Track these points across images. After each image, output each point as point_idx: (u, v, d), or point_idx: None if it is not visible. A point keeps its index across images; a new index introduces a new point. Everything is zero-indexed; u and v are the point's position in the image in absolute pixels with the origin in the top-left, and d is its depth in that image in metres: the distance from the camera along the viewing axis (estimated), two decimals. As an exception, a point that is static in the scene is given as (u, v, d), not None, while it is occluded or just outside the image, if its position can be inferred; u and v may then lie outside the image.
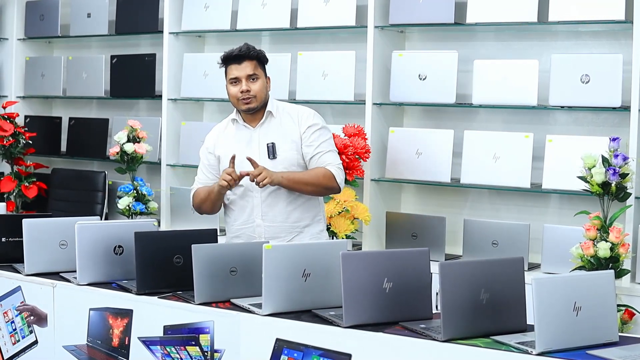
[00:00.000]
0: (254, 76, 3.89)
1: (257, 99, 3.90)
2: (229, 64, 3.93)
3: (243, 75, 3.88)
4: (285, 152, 3.92)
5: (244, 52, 3.90)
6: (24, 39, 6.47)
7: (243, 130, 3.98)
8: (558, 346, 2.72)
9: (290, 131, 3.94)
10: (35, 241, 3.72)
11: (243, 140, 3.96)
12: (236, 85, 3.90)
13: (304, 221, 3.97)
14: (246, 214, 3.94)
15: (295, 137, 3.93)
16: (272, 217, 3.91)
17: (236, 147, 3.94)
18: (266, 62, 3.98)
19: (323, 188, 3.93)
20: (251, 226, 3.93)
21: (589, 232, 3.95)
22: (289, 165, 3.91)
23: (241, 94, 3.88)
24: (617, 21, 4.38)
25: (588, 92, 4.41)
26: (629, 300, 4.12)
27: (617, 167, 3.94)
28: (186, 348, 3.23)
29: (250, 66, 3.89)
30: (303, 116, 3.98)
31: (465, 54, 4.86)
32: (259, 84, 3.90)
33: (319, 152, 3.92)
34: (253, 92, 3.88)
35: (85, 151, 6.22)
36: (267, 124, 3.96)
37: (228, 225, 4.04)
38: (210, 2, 5.58)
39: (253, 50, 3.93)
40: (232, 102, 3.96)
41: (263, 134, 3.95)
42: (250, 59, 3.90)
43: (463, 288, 2.83)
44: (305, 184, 3.87)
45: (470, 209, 5.02)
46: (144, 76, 5.87)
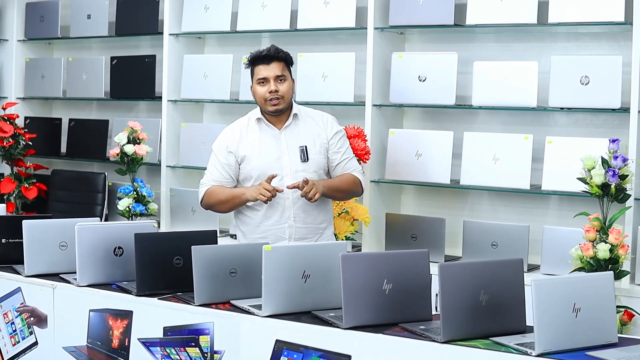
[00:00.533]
0: (282, 77, 3.94)
1: (284, 100, 3.94)
2: (257, 64, 3.96)
3: (272, 75, 3.92)
4: (315, 156, 4.01)
5: (272, 53, 3.95)
6: (24, 40, 6.47)
7: (268, 131, 4.00)
8: (557, 347, 2.72)
9: (318, 135, 4.02)
10: (36, 242, 3.72)
11: (270, 142, 3.98)
12: (264, 85, 3.93)
13: (325, 223, 4.08)
14: (277, 215, 3.96)
15: (323, 142, 4.03)
16: (303, 219, 3.98)
17: (263, 148, 3.97)
18: (292, 64, 4.03)
19: (352, 194, 4.15)
20: (282, 227, 3.95)
21: (589, 233, 3.95)
22: (318, 169, 4.01)
23: (269, 94, 3.91)
24: (617, 23, 4.38)
25: (588, 94, 4.41)
26: (628, 301, 4.12)
27: (617, 168, 3.94)
28: (186, 349, 3.24)
29: (278, 67, 3.93)
30: (329, 122, 4.09)
31: (465, 55, 4.86)
32: (286, 85, 3.94)
33: (345, 159, 4.07)
34: (281, 92, 3.92)
35: (85, 152, 6.22)
36: (293, 126, 4.01)
37: (249, 225, 4.02)
38: (210, 3, 5.59)
39: (281, 51, 3.98)
40: (259, 103, 3.98)
41: (290, 136, 3.99)
42: (279, 60, 3.95)
43: (463, 289, 2.83)
44: (340, 191, 4.06)
45: (469, 210, 5.03)
46: (144, 77, 5.87)
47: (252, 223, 4.01)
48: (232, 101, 5.54)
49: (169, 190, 5.67)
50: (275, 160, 3.94)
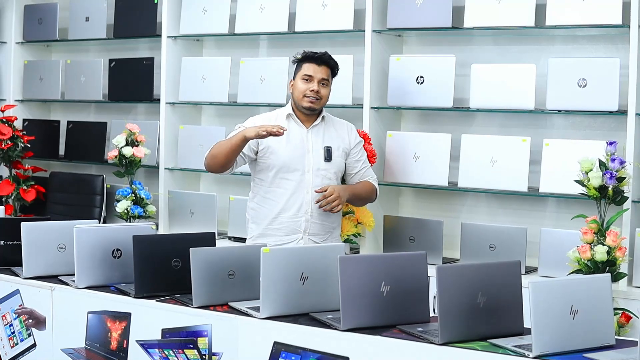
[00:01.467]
0: (325, 82, 4.15)
1: (321, 102, 4.15)
2: (307, 62, 4.15)
3: (318, 76, 4.12)
4: (337, 158, 4.20)
5: (326, 57, 4.17)
6: (22, 42, 6.48)
7: (296, 127, 4.16)
8: (555, 349, 2.73)
9: (341, 140, 4.23)
10: (34, 244, 3.72)
11: (297, 137, 4.14)
12: (308, 82, 4.12)
13: (335, 223, 4.26)
14: (295, 208, 4.10)
15: (345, 147, 4.23)
16: (317, 215, 4.13)
17: (290, 142, 4.12)
18: (336, 75, 4.24)
19: (368, 201, 4.38)
20: (299, 221, 4.10)
21: (586, 235, 3.96)
22: (338, 171, 4.22)
23: (310, 92, 4.10)
24: (614, 25, 4.38)
25: (585, 96, 4.41)
26: (625, 303, 4.13)
27: (614, 171, 3.95)
28: (184, 351, 3.24)
29: (326, 71, 4.15)
30: (352, 131, 4.31)
31: (462, 58, 4.87)
32: (327, 90, 4.17)
33: (364, 168, 4.31)
34: (321, 94, 4.12)
35: (83, 155, 6.22)
36: (319, 127, 4.19)
37: (265, 217, 4.14)
38: (208, 6, 5.59)
39: (333, 60, 4.19)
40: (296, 97, 4.14)
41: (316, 135, 4.16)
42: (328, 66, 4.17)
43: (460, 291, 2.84)
44: (360, 198, 4.30)
45: (467, 212, 5.03)
46: (142, 80, 5.88)
47: (269, 215, 4.13)
48: (230, 104, 5.54)
49: (167, 193, 5.67)
50: (300, 155, 4.11)
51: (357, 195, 4.24)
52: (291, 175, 4.10)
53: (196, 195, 5.59)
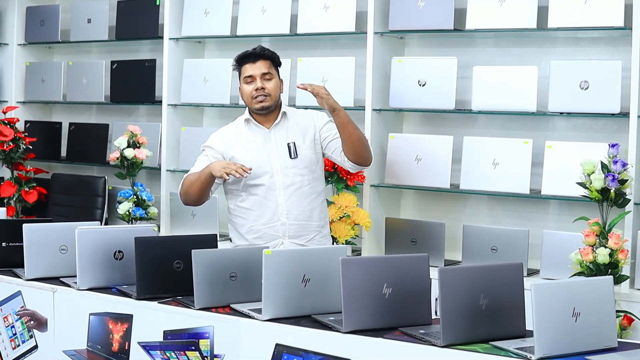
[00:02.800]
0: (268, 75, 3.97)
1: (271, 98, 3.96)
2: (244, 63, 4.00)
3: (258, 73, 3.95)
4: (305, 151, 4.01)
5: (258, 52, 3.99)
6: (24, 44, 6.48)
7: (257, 130, 4.02)
8: (557, 352, 2.72)
9: (307, 130, 4.03)
10: (36, 246, 3.72)
11: (259, 140, 4.00)
12: (250, 83, 3.97)
13: (322, 221, 4.08)
14: (270, 213, 3.96)
15: (313, 136, 4.02)
16: (296, 215, 3.97)
17: (252, 147, 3.99)
18: (280, 64, 4.06)
19: (364, 145, 3.94)
20: (275, 225, 3.96)
21: (588, 238, 3.95)
22: (310, 164, 4.01)
23: (255, 91, 3.95)
24: (616, 28, 4.39)
25: (587, 99, 4.41)
26: (627, 306, 4.12)
27: (616, 173, 3.95)
28: (186, 353, 3.24)
29: (264, 65, 3.97)
30: (318, 115, 4.10)
31: (464, 60, 4.87)
32: (273, 83, 3.98)
33: None
34: (267, 90, 3.95)
35: (85, 156, 6.22)
36: (282, 124, 4.03)
37: (243, 227, 4.03)
38: (210, 7, 5.59)
39: (267, 50, 4.02)
40: (246, 102, 4.01)
41: (279, 134, 4.00)
42: (265, 59, 3.99)
43: (462, 294, 2.83)
44: (355, 128, 3.90)
45: (469, 214, 5.03)
46: (144, 82, 5.88)
47: (245, 224, 4.02)
48: (232, 105, 5.55)
49: (169, 195, 5.67)
50: (265, 158, 3.96)
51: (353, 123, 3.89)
52: (259, 180, 3.95)
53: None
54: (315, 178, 4.05)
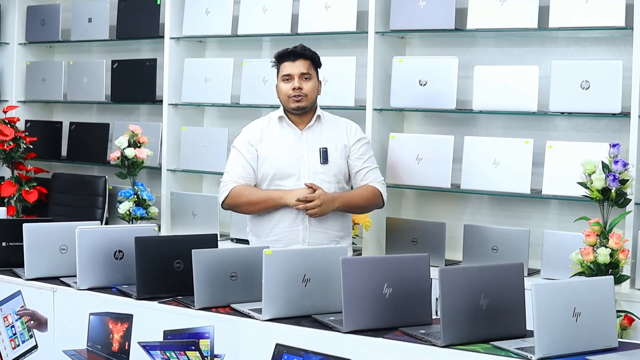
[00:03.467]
0: (307, 75, 3.93)
1: (307, 99, 3.93)
2: (283, 61, 3.96)
3: (296, 72, 3.91)
4: (335, 159, 3.98)
5: (299, 51, 3.95)
6: (25, 43, 6.48)
7: (289, 130, 3.98)
8: (557, 352, 2.72)
9: (340, 140, 3.99)
10: (36, 246, 3.72)
11: (290, 141, 3.96)
12: (288, 82, 3.93)
13: (341, 232, 4.03)
14: (292, 217, 3.92)
15: (344, 147, 3.99)
16: (317, 223, 3.93)
17: (283, 147, 3.94)
18: (320, 65, 4.02)
19: (371, 208, 4.12)
20: (296, 230, 3.93)
21: (589, 238, 3.95)
22: (338, 173, 3.98)
23: (292, 91, 3.90)
24: (617, 27, 4.38)
25: (588, 98, 4.41)
26: (628, 306, 4.12)
27: (617, 173, 3.94)
28: (186, 353, 3.24)
29: (304, 65, 3.94)
30: (352, 127, 4.07)
31: (465, 59, 4.87)
32: (311, 84, 3.94)
33: (366, 167, 4.04)
34: (305, 90, 3.91)
35: (85, 156, 6.22)
36: (315, 127, 3.99)
37: (263, 227, 3.98)
38: (211, 7, 5.59)
39: (308, 50, 3.98)
40: (282, 100, 3.96)
41: (311, 137, 3.96)
42: (305, 59, 3.95)
43: (463, 293, 2.83)
44: (358, 207, 4.05)
45: (470, 214, 5.03)
46: (144, 81, 5.88)
47: (266, 226, 3.97)
48: (232, 105, 5.54)
49: (170, 194, 5.67)
50: (294, 160, 3.93)
51: (352, 204, 3.99)
52: (286, 182, 3.92)
53: (198, 196, 5.58)
54: (341, 188, 4.01)
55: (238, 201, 3.96)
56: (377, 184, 4.08)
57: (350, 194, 4.01)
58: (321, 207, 3.84)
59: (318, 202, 3.83)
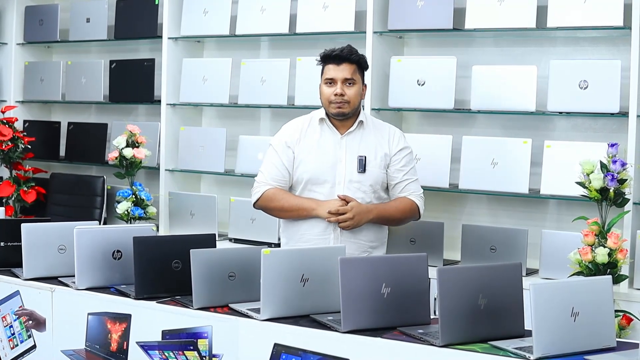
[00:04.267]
0: (350, 80, 3.81)
1: (350, 105, 3.82)
2: (327, 63, 3.85)
3: (340, 77, 3.80)
4: (374, 168, 3.88)
5: (345, 54, 3.83)
6: (23, 43, 6.48)
7: (329, 134, 3.88)
8: (556, 351, 2.72)
9: (381, 148, 3.88)
10: (34, 246, 3.72)
11: (329, 146, 3.86)
12: (331, 86, 3.82)
13: (375, 242, 3.95)
14: (323, 224, 3.83)
15: (385, 156, 3.88)
16: (348, 233, 3.83)
17: (321, 151, 3.85)
18: (366, 68, 3.90)
19: (406, 221, 3.99)
20: (328, 238, 3.84)
21: (587, 237, 3.95)
22: (375, 183, 3.88)
23: (334, 96, 3.80)
24: (616, 27, 4.38)
25: (586, 98, 4.41)
26: (626, 306, 4.12)
27: (616, 172, 3.94)
28: (184, 353, 3.24)
29: (349, 70, 3.81)
30: (395, 136, 3.95)
31: (463, 59, 4.86)
32: (354, 90, 3.82)
33: (406, 180, 3.93)
34: (347, 96, 3.80)
35: (84, 156, 6.22)
36: (356, 133, 3.88)
37: (295, 233, 3.91)
38: (209, 7, 5.59)
39: (355, 53, 3.85)
40: (323, 104, 3.87)
41: (351, 143, 3.86)
42: (351, 62, 3.83)
43: (461, 293, 2.83)
44: (393, 220, 3.93)
45: (468, 214, 5.02)
46: (143, 81, 5.88)
47: (296, 231, 3.90)
48: (231, 105, 5.54)
49: (168, 194, 5.66)
50: (331, 166, 3.83)
51: (387, 216, 3.87)
52: (320, 188, 3.83)
53: (197, 196, 5.58)
54: (377, 197, 3.91)
55: (270, 205, 3.88)
56: (415, 197, 3.97)
57: (387, 205, 3.91)
58: (354, 220, 3.76)
59: (350, 214, 3.74)
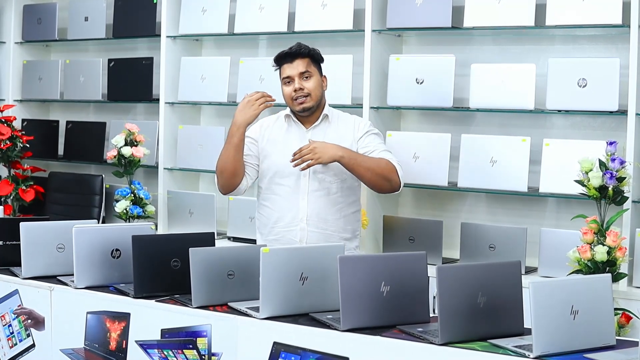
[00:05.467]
0: (307, 74, 3.83)
1: (311, 98, 3.83)
2: (282, 64, 3.87)
3: (295, 73, 3.82)
4: None
5: (294, 50, 3.86)
6: (21, 42, 6.47)
7: (294, 128, 3.91)
8: (555, 350, 2.72)
9: (346, 137, 3.87)
10: (33, 245, 3.72)
11: (294, 139, 3.88)
12: (289, 84, 3.84)
13: (346, 234, 3.91)
14: (290, 216, 3.85)
15: (351, 145, 3.84)
16: (316, 223, 3.83)
17: (285, 145, 3.87)
18: (321, 60, 3.92)
19: (383, 178, 3.77)
20: (294, 230, 3.85)
21: (586, 235, 3.95)
22: (340, 172, 3.82)
23: (294, 92, 3.81)
24: (614, 25, 4.38)
25: (585, 96, 4.41)
26: (626, 304, 4.12)
27: (614, 171, 3.95)
28: (183, 351, 3.23)
29: (302, 64, 3.84)
30: (360, 124, 3.94)
31: (462, 58, 4.86)
32: (313, 82, 3.84)
33: (377, 150, 3.84)
34: (307, 90, 3.82)
35: (82, 155, 6.22)
36: (321, 126, 3.90)
37: (265, 227, 3.93)
38: (207, 5, 5.59)
39: (304, 47, 3.87)
40: (287, 103, 3.88)
41: (316, 136, 3.86)
42: (303, 57, 3.85)
43: (460, 292, 2.83)
44: (366, 169, 3.73)
45: (467, 212, 5.03)
46: (141, 80, 5.87)
47: (268, 224, 3.92)
48: (229, 103, 5.54)
49: (167, 193, 5.66)
50: None
51: (360, 163, 3.70)
52: (285, 180, 3.84)
53: (195, 195, 5.58)
54: (346, 187, 3.89)
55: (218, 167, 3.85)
56: (392, 160, 3.83)
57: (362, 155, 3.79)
58: (316, 151, 3.64)
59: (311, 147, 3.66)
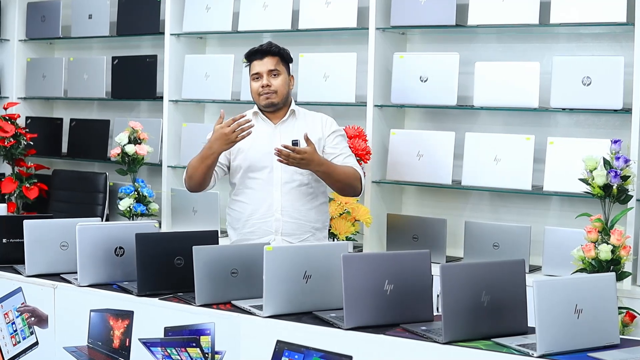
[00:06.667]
0: (275, 72, 3.91)
1: (277, 95, 3.91)
2: (252, 60, 3.95)
3: (264, 70, 3.90)
4: None
5: (265, 48, 3.94)
6: (25, 40, 6.48)
7: (263, 124, 3.96)
8: (559, 349, 2.71)
9: (315, 132, 3.93)
10: (36, 242, 3.71)
11: (264, 134, 3.94)
12: (258, 80, 3.92)
13: (318, 224, 3.98)
14: (264, 207, 3.90)
15: (319, 140, 3.93)
16: (290, 213, 3.90)
17: (256, 140, 3.91)
18: (290, 60, 4.01)
19: (349, 187, 3.91)
20: (269, 220, 3.90)
21: (590, 234, 3.95)
22: None
23: (262, 88, 3.90)
24: (619, 23, 4.38)
25: (589, 95, 4.40)
26: (630, 302, 4.12)
27: (619, 169, 3.94)
28: (187, 349, 3.23)
29: (271, 62, 3.92)
30: (328, 121, 4.03)
31: (466, 56, 4.86)
32: (280, 80, 3.92)
33: (343, 154, 3.96)
34: (274, 87, 3.90)
35: (86, 152, 6.22)
36: (289, 121, 3.97)
37: (239, 221, 3.97)
38: (211, 3, 5.59)
39: (275, 46, 3.96)
40: (254, 98, 3.97)
41: (285, 130, 3.94)
42: (272, 55, 3.93)
43: (464, 290, 2.83)
44: (336, 180, 3.86)
45: (471, 211, 5.02)
46: (145, 77, 5.88)
47: (241, 218, 3.96)
48: (233, 101, 5.54)
49: (170, 191, 5.66)
50: (267, 153, 3.88)
51: (332, 174, 3.82)
52: (259, 174, 3.90)
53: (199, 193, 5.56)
54: (317, 179, 3.96)
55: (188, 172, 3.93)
56: (358, 169, 3.94)
57: (335, 165, 3.89)
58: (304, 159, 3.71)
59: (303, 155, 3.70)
